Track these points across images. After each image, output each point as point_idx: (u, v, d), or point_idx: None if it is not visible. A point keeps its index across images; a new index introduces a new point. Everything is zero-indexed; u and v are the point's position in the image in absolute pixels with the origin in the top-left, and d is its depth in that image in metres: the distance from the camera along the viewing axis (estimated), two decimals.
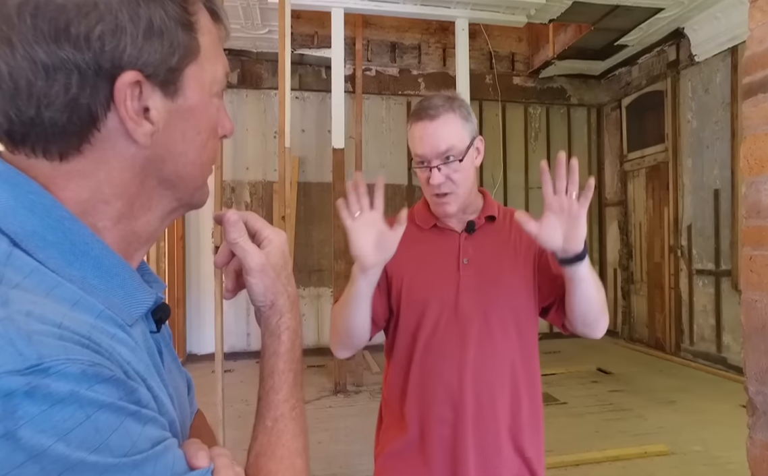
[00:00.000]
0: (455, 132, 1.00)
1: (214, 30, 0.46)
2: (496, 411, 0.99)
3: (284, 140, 2.44)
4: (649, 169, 5.64)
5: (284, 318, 0.50)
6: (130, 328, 0.41)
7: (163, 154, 0.43)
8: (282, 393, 0.49)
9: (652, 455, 2.95)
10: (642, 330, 5.74)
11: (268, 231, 0.51)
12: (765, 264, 0.98)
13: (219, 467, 0.40)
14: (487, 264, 1.03)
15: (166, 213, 0.46)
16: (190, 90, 0.43)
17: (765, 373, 0.97)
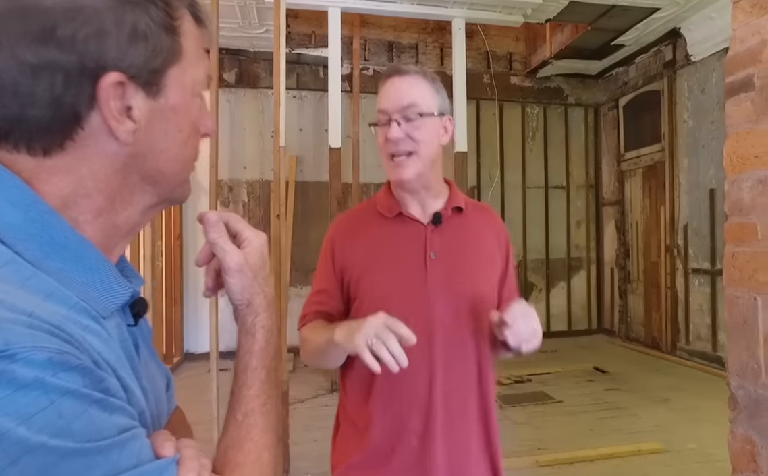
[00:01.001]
0: (422, 93, 0.95)
1: (196, 33, 0.48)
2: (466, 418, 0.95)
3: (279, 139, 2.45)
4: (645, 169, 5.65)
5: (260, 317, 0.52)
6: (104, 320, 0.42)
7: (145, 151, 0.45)
8: (254, 389, 0.50)
9: (646, 453, 2.97)
10: (638, 330, 5.75)
11: (249, 232, 0.52)
12: (746, 260, 0.99)
13: (185, 457, 0.41)
14: (455, 259, 0.97)
15: (147, 207, 0.48)
16: (172, 90, 0.45)
17: (746, 368, 0.98)
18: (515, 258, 1.10)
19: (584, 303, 6.32)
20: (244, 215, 5.42)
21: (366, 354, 0.78)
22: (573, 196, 6.32)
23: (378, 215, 1.01)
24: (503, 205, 6.05)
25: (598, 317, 6.34)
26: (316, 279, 1.04)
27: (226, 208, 5.41)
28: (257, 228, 0.87)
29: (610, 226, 6.25)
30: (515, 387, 4.25)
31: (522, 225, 6.10)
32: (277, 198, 2.47)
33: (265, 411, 0.49)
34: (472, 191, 5.87)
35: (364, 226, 1.01)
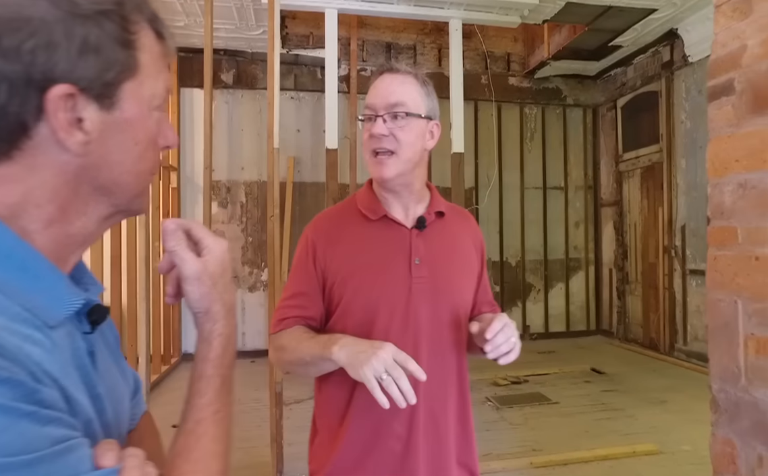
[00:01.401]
0: (410, 93, 0.94)
1: (156, 48, 0.48)
2: (447, 423, 0.95)
3: (273, 141, 2.46)
4: (643, 170, 5.65)
5: (218, 325, 0.51)
6: (51, 330, 0.42)
7: (98, 163, 0.45)
8: (206, 397, 0.49)
9: (641, 454, 2.96)
10: (637, 331, 5.75)
11: (209, 240, 0.52)
12: (727, 264, 0.99)
13: (127, 467, 0.41)
14: (439, 265, 0.97)
15: (103, 218, 0.48)
16: (128, 103, 0.45)
17: (726, 371, 0.99)
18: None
19: (583, 304, 6.31)
20: (243, 216, 5.43)
21: (376, 390, 0.77)
22: (571, 197, 6.32)
23: (360, 216, 0.98)
24: (501, 206, 6.05)
25: (596, 318, 6.34)
26: (293, 282, 0.99)
27: (224, 208, 5.42)
28: (255, 228, 0.87)
29: (608, 226, 6.25)
30: (512, 389, 4.25)
31: (520, 225, 6.10)
32: (271, 199, 2.48)
33: (217, 419, 0.49)
34: (470, 192, 5.88)
35: (347, 228, 0.98)
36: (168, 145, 0.51)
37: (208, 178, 2.36)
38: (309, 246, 0.98)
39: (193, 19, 4.33)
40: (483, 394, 4.07)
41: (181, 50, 5.05)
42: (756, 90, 0.91)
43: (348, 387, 0.93)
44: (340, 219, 1.01)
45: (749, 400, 0.94)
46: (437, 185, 4.60)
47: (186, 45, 4.91)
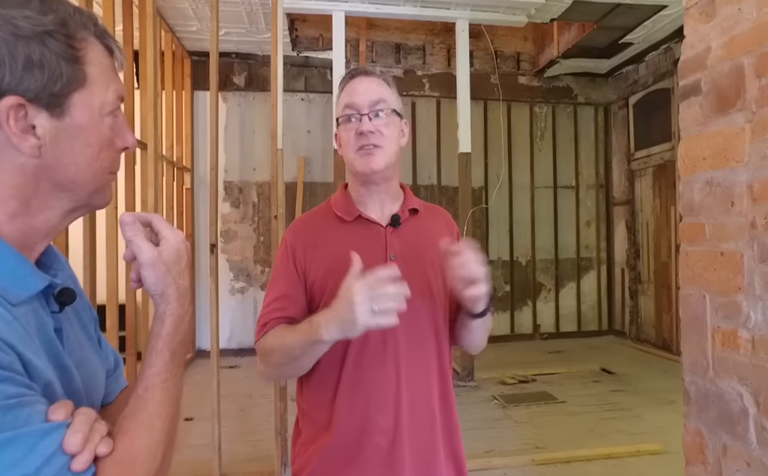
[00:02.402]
0: (387, 92, 0.99)
1: (106, 61, 0.54)
2: (432, 415, 0.97)
3: (276, 142, 2.53)
4: (656, 168, 5.57)
5: (170, 306, 0.57)
6: (12, 306, 0.48)
7: (53, 164, 0.51)
8: (156, 367, 0.55)
9: (645, 453, 2.95)
10: (649, 331, 5.68)
11: (167, 231, 0.58)
12: (697, 259, 1.02)
13: (75, 422, 0.47)
14: (414, 260, 0.99)
15: (66, 212, 0.55)
16: (78, 111, 0.51)
17: (696, 364, 1.01)
18: None
19: (594, 304, 6.26)
20: (254, 215, 5.55)
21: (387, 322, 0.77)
22: (582, 196, 6.27)
23: (336, 218, 1.01)
24: (511, 206, 6.04)
25: (608, 318, 6.27)
26: (274, 286, 1.00)
27: (236, 208, 5.54)
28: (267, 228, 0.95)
29: (620, 225, 6.18)
30: (519, 387, 4.26)
31: (530, 225, 6.08)
32: (275, 199, 2.55)
33: (165, 386, 0.54)
34: (480, 191, 5.88)
35: (325, 230, 1.01)
36: (126, 146, 0.57)
37: (215, 179, 2.45)
38: (288, 249, 1.00)
39: (205, 23, 4.45)
40: (489, 393, 4.09)
41: (194, 54, 5.19)
42: (719, 90, 0.93)
43: (331, 385, 0.95)
44: (317, 222, 1.03)
45: (716, 391, 0.96)
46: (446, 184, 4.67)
47: (199, 49, 5.05)
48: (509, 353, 5.42)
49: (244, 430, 3.38)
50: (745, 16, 0.87)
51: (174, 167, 4.80)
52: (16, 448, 0.42)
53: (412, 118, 5.84)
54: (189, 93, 5.23)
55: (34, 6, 0.48)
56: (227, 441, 2.84)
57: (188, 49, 5.12)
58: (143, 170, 3.05)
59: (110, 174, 0.56)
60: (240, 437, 3.25)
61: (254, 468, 2.78)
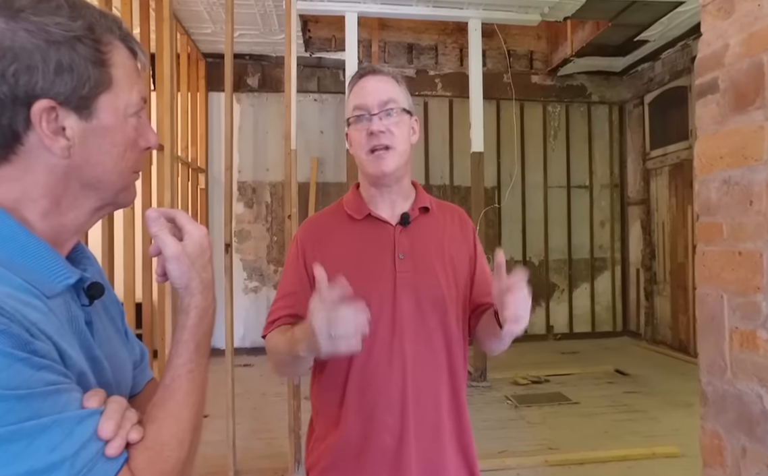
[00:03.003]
0: (396, 91, 0.98)
1: (130, 64, 0.56)
2: (439, 415, 0.96)
3: (290, 142, 2.56)
4: (672, 167, 5.49)
5: (195, 298, 0.59)
6: (48, 299, 0.50)
7: (82, 163, 0.53)
8: (182, 358, 0.57)
9: (661, 456, 2.91)
10: (665, 332, 5.59)
11: (190, 226, 0.60)
12: (714, 259, 1.01)
13: (108, 410, 0.49)
14: (423, 258, 0.99)
15: (93, 210, 0.57)
16: (104, 113, 0.54)
17: (714, 364, 1.00)
18: None
19: (609, 305, 6.18)
20: (268, 215, 5.60)
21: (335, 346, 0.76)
22: (597, 196, 6.20)
23: (347, 217, 1.01)
24: (524, 205, 6.00)
25: (623, 319, 6.20)
26: (284, 284, 1.02)
27: (250, 208, 5.60)
28: (280, 228, 0.98)
29: (635, 225, 6.10)
30: (532, 388, 4.23)
31: (543, 225, 6.04)
32: (289, 199, 2.58)
33: (191, 376, 0.56)
34: (492, 191, 5.86)
35: (334, 229, 1.02)
36: (149, 146, 0.59)
37: (229, 179, 2.48)
38: (299, 247, 1.01)
39: (220, 26, 4.51)
40: (502, 393, 4.07)
41: (209, 56, 5.26)
42: (737, 88, 0.92)
43: (340, 385, 0.96)
44: (328, 221, 1.04)
45: (734, 393, 0.95)
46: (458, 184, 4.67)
47: (213, 51, 5.11)
48: (522, 353, 5.39)
49: (257, 428, 3.41)
50: (765, 13, 0.86)
51: (189, 168, 4.87)
52: (54, 433, 0.44)
53: (424, 118, 5.83)
54: (203, 94, 5.30)
55: (65, 13, 0.50)
56: (241, 439, 2.87)
57: (203, 51, 5.18)
58: (159, 171, 3.11)
59: (134, 173, 0.59)
60: (254, 434, 3.29)
61: (268, 464, 2.81)
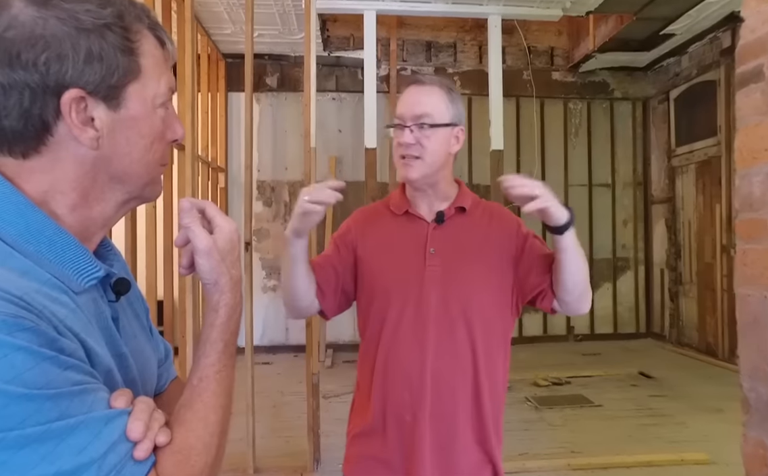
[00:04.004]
0: (436, 104, 1.04)
1: (158, 53, 0.54)
2: (456, 402, 1.01)
3: (310, 141, 2.55)
4: (699, 164, 5.33)
5: (224, 296, 0.56)
6: (76, 295, 0.49)
7: (110, 155, 0.52)
8: (210, 358, 0.55)
9: (690, 463, 2.82)
10: (692, 334, 5.43)
11: (221, 219, 0.58)
12: (757, 257, 0.96)
13: (136, 410, 0.48)
14: (454, 255, 1.04)
15: (120, 204, 0.55)
16: (132, 102, 0.52)
17: (757, 369, 0.95)
18: None
19: (632, 306, 6.04)
20: (286, 214, 5.62)
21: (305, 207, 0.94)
22: (619, 194, 6.06)
23: (390, 212, 1.12)
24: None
25: (646, 320, 6.05)
26: (325, 251, 1.14)
27: (268, 207, 5.63)
28: None
29: (659, 224, 5.94)
30: (553, 389, 4.16)
31: None
32: None
33: (218, 378, 0.54)
34: None
35: (378, 221, 1.13)
36: (176, 138, 0.57)
37: (249, 177, 2.49)
38: (347, 229, 1.14)
39: (239, 26, 4.54)
40: (522, 394, 4.01)
41: (228, 56, 5.31)
42: None
43: (371, 362, 1.06)
44: (373, 214, 1.17)
45: None
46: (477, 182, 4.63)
47: (233, 51, 5.15)
48: (542, 354, 5.30)
49: (276, 426, 3.43)
50: None
51: (209, 167, 4.92)
52: (82, 434, 0.43)
53: None
54: (223, 94, 5.35)
55: (95, 0, 0.49)
56: (260, 437, 2.89)
57: (223, 52, 5.23)
58: (180, 170, 3.14)
59: (161, 165, 0.57)
60: (273, 433, 3.30)
61: (287, 463, 2.81)
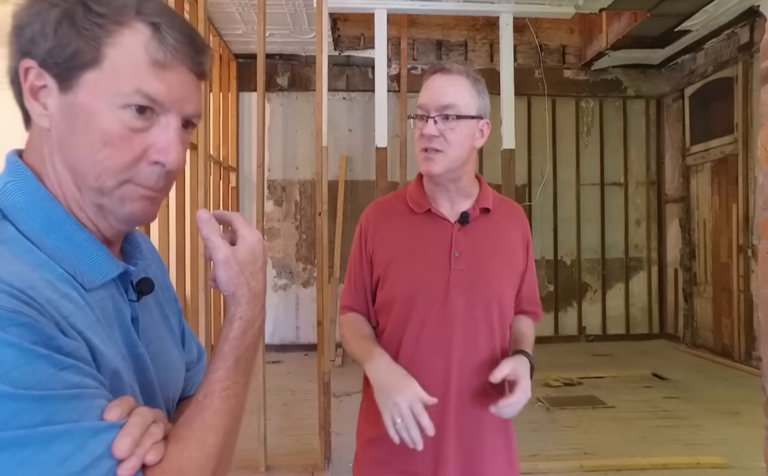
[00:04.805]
0: (462, 94, 0.97)
1: (139, 50, 0.48)
2: (481, 412, 0.98)
3: (321, 140, 2.56)
4: (714, 163, 5.24)
5: (240, 308, 0.54)
6: (87, 291, 0.48)
7: (60, 140, 0.50)
8: (219, 373, 0.52)
9: (706, 466, 2.77)
10: (706, 336, 5.35)
11: (244, 231, 0.55)
12: None
13: (129, 423, 0.44)
14: (479, 259, 1.00)
15: (95, 206, 0.51)
16: (84, 91, 0.48)
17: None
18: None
19: (644, 306, 5.97)
20: (297, 213, 5.64)
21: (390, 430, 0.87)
22: (632, 193, 5.99)
23: (407, 208, 1.04)
24: (555, 203, 5.85)
25: (660, 321, 5.97)
26: (350, 264, 1.10)
27: (279, 206, 5.66)
28: (309, 226, 0.97)
29: (673, 224, 5.86)
30: (564, 390, 4.12)
31: (576, 223, 5.88)
32: (320, 196, 2.58)
33: (225, 396, 0.51)
34: (523, 189, 5.73)
35: (395, 218, 1.05)
36: (159, 161, 0.50)
37: (261, 177, 2.50)
38: (362, 232, 1.07)
39: (251, 26, 4.57)
40: (533, 394, 3.95)
41: (240, 56, 5.34)
42: None
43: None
44: (389, 209, 1.08)
45: None
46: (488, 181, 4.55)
47: (244, 51, 5.18)
48: (553, 355, 5.26)
49: (287, 425, 3.44)
50: None
51: (221, 167, 4.95)
52: (66, 444, 0.40)
53: None
54: (235, 94, 5.38)
55: None
56: (271, 435, 2.90)
57: (234, 52, 5.27)
58: (192, 170, 3.17)
59: (130, 183, 0.50)
60: (283, 431, 3.31)
61: (298, 461, 2.82)
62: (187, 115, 0.52)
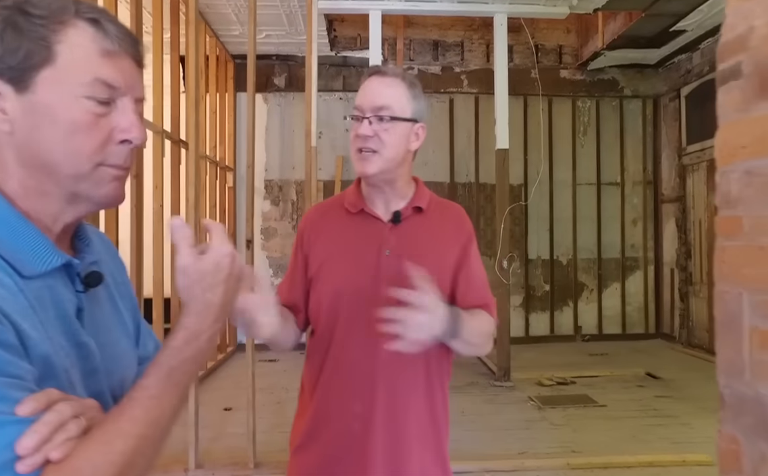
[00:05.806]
0: (397, 97, 0.98)
1: (87, 44, 0.52)
2: (409, 406, 0.97)
3: (311, 140, 2.59)
4: (711, 163, 5.24)
5: (188, 319, 0.54)
6: (23, 279, 0.50)
7: (25, 140, 0.52)
8: (147, 380, 0.51)
9: (692, 464, 2.79)
10: (702, 335, 5.35)
11: (216, 242, 0.57)
12: (734, 255, 0.96)
13: (42, 420, 0.43)
14: (409, 257, 0.96)
15: (65, 200, 0.54)
16: (42, 88, 0.51)
17: (732, 366, 0.95)
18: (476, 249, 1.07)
19: (641, 306, 5.97)
20: (293, 213, 5.68)
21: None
22: (628, 193, 5.99)
23: (344, 210, 1.05)
24: (551, 203, 5.86)
25: (656, 321, 5.97)
26: (289, 264, 1.10)
27: (276, 206, 5.69)
28: None
29: (670, 224, 5.86)
30: (557, 389, 4.14)
31: (572, 223, 5.89)
32: (309, 195, 2.61)
33: (147, 404, 0.49)
34: (519, 189, 5.75)
35: (331, 220, 1.05)
36: (127, 139, 0.54)
37: (251, 177, 2.53)
38: (299, 234, 1.08)
39: (247, 28, 4.60)
40: (525, 393, 4.00)
41: (237, 57, 5.37)
42: (763, 73, 0.86)
43: (318, 368, 1.01)
44: (326, 212, 1.08)
45: (753, 396, 0.90)
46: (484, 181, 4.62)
47: (241, 52, 5.22)
48: (548, 354, 5.28)
49: (279, 422, 3.47)
50: None
51: (217, 166, 4.99)
52: None
53: (450, 115, 5.78)
54: (232, 95, 5.42)
55: None
56: (263, 432, 2.93)
57: (231, 53, 5.30)
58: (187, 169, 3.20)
59: (104, 165, 0.54)
60: (276, 428, 3.34)
61: (288, 457, 2.85)
62: (137, 98, 0.56)
